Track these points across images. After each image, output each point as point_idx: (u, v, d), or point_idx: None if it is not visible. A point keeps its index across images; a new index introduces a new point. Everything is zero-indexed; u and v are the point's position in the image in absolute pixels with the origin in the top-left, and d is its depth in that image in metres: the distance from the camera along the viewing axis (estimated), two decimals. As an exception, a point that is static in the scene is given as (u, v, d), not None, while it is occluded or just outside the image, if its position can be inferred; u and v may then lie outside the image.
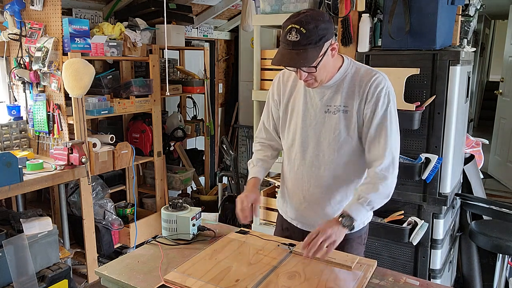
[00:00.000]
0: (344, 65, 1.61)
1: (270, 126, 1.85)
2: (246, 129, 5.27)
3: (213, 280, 1.40)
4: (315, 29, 1.44)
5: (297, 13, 1.49)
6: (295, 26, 1.44)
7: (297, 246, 1.62)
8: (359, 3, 2.36)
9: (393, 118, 1.58)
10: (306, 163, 1.69)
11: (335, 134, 1.61)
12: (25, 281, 2.39)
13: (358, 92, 1.58)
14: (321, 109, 1.64)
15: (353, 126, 1.60)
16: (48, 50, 2.82)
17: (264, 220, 2.89)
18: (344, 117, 1.60)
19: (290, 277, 1.43)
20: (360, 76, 1.60)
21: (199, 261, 1.53)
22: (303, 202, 1.74)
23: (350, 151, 1.63)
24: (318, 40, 1.45)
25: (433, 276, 2.41)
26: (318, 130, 1.65)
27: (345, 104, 1.60)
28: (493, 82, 8.53)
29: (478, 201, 2.74)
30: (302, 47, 1.45)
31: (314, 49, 1.46)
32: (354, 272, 1.46)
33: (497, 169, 5.62)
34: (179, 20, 3.93)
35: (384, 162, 1.55)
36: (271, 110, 1.82)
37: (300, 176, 1.72)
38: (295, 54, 1.46)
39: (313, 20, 1.45)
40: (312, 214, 1.73)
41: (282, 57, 1.50)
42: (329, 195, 1.68)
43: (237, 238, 1.73)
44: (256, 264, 1.51)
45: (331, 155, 1.63)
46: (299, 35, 1.44)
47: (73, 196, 3.18)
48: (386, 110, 1.56)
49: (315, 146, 1.66)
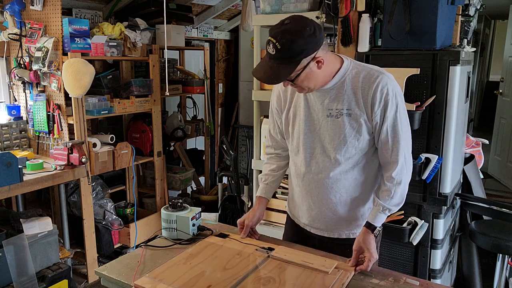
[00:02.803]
0: (343, 68, 1.56)
1: (276, 133, 1.84)
2: (246, 129, 5.27)
3: (184, 285, 1.37)
4: (290, 46, 1.38)
5: (281, 22, 1.43)
6: (272, 39, 1.39)
7: (275, 251, 1.59)
8: (359, 3, 2.36)
9: (403, 119, 1.57)
10: (312, 170, 1.66)
11: (341, 138, 1.58)
12: (25, 281, 2.39)
13: (362, 96, 1.54)
14: (323, 113, 1.60)
15: (360, 129, 1.56)
16: (48, 50, 2.82)
17: (264, 220, 2.89)
18: (348, 120, 1.56)
19: (265, 282, 1.40)
20: (362, 78, 1.55)
21: (173, 265, 1.50)
22: (314, 208, 1.71)
23: (357, 153, 1.61)
24: (292, 57, 1.40)
25: (433, 276, 2.41)
26: (323, 135, 1.62)
27: (348, 107, 1.56)
28: (493, 82, 8.53)
29: (478, 201, 2.73)
30: (276, 62, 1.42)
31: (287, 66, 1.42)
32: (331, 277, 1.43)
33: (497, 169, 5.62)
34: (179, 20, 3.94)
35: (398, 166, 1.56)
36: (275, 118, 1.81)
37: (307, 183, 1.70)
38: (269, 68, 1.44)
39: (291, 35, 1.38)
40: (324, 219, 1.71)
41: (259, 68, 1.49)
42: (339, 199, 1.66)
43: (215, 241, 1.69)
44: (232, 269, 1.48)
45: (338, 159, 1.60)
46: (275, 49, 1.39)
47: (73, 196, 3.18)
48: (396, 112, 1.54)
49: (321, 152, 1.63)
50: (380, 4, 2.42)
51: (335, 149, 1.60)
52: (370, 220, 1.60)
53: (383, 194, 1.60)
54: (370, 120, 1.55)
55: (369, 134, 1.58)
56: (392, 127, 1.54)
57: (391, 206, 1.59)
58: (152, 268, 1.49)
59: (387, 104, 1.52)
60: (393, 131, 1.55)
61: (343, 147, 1.59)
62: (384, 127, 1.54)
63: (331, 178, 1.63)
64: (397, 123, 1.55)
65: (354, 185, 1.65)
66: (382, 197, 1.60)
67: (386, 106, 1.52)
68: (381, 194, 1.61)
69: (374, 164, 1.66)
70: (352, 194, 1.66)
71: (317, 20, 2.42)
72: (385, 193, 1.59)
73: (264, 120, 2.76)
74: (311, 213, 1.73)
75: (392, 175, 1.57)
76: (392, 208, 1.59)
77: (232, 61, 5.50)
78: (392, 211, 1.60)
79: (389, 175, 1.59)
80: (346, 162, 1.61)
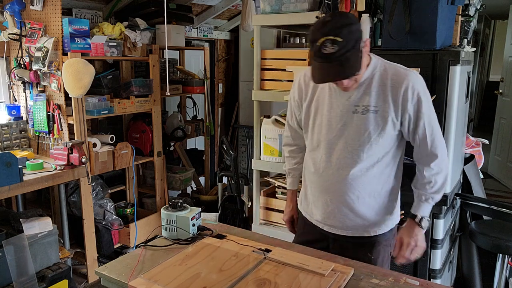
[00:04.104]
0: (372, 63, 1.57)
1: (294, 123, 1.85)
2: (246, 129, 5.27)
3: (179, 287, 1.36)
4: (350, 33, 1.38)
5: (322, 22, 1.42)
6: (329, 37, 1.37)
7: (272, 252, 1.59)
8: (359, 3, 2.36)
9: (433, 113, 1.61)
10: (333, 165, 1.64)
11: (365, 135, 1.57)
12: (25, 281, 2.39)
13: (392, 93, 1.54)
14: (348, 109, 1.59)
15: (385, 127, 1.56)
16: (48, 50, 2.82)
17: (264, 220, 2.89)
18: (374, 117, 1.56)
19: (260, 284, 1.39)
20: (391, 76, 1.55)
21: (169, 266, 1.50)
22: (330, 205, 1.69)
23: (379, 151, 1.60)
24: (356, 43, 1.41)
25: (433, 276, 2.41)
26: (346, 131, 1.60)
27: (375, 104, 1.56)
28: (493, 82, 8.53)
29: (478, 201, 2.73)
30: (343, 56, 1.38)
31: (355, 54, 1.41)
32: (327, 280, 1.41)
33: (497, 169, 5.62)
34: (179, 20, 3.93)
35: (438, 158, 1.60)
36: (293, 110, 1.81)
37: (325, 179, 1.68)
38: (336, 66, 1.40)
39: (343, 26, 1.38)
40: (340, 216, 1.69)
41: (324, 71, 1.43)
42: (357, 196, 1.65)
43: (212, 242, 1.68)
44: (227, 270, 1.47)
45: (360, 156, 1.59)
46: (336, 45, 1.36)
47: (73, 196, 3.18)
48: (429, 108, 1.58)
49: (343, 148, 1.61)
50: (380, 4, 2.42)
51: (358, 145, 1.59)
52: (413, 211, 1.65)
53: (423, 184, 1.64)
54: (398, 117, 1.57)
55: (395, 131, 1.60)
56: (428, 122, 1.58)
57: (433, 194, 1.63)
58: (151, 268, 1.49)
59: (420, 102, 1.55)
60: (429, 126, 1.58)
61: (367, 144, 1.58)
62: (421, 123, 1.57)
63: (352, 175, 1.62)
64: (432, 118, 1.59)
65: (374, 183, 1.65)
66: (421, 187, 1.64)
67: (420, 104, 1.55)
68: (419, 185, 1.65)
69: (394, 166, 1.67)
70: (370, 192, 1.65)
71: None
72: (425, 184, 1.63)
73: (264, 120, 2.76)
74: (326, 209, 1.71)
75: (431, 165, 1.61)
76: (434, 196, 1.63)
77: (232, 61, 5.50)
78: (435, 199, 1.64)
79: (427, 166, 1.62)
80: (368, 159, 1.60)
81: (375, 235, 1.70)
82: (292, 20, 2.56)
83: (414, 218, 1.65)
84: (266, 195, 2.88)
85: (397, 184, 1.72)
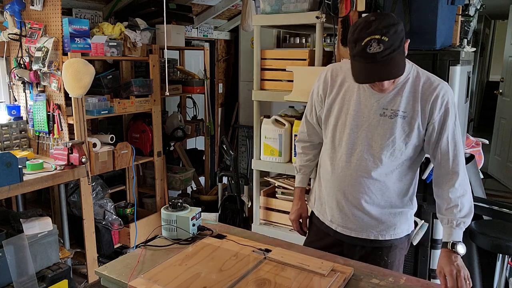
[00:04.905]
0: (406, 67, 1.51)
1: (313, 119, 1.80)
2: (246, 129, 5.27)
3: (179, 287, 1.36)
4: (396, 33, 1.36)
5: (366, 22, 1.39)
6: (375, 37, 1.34)
7: (272, 252, 1.59)
8: (359, 3, 2.36)
9: (459, 130, 1.56)
10: (352, 166, 1.61)
11: (390, 140, 1.54)
12: (25, 281, 2.39)
13: (421, 100, 1.52)
14: (376, 111, 1.56)
15: (410, 134, 1.54)
16: (48, 50, 2.82)
17: (264, 220, 2.89)
18: (401, 122, 1.53)
19: (260, 284, 1.39)
20: (423, 83, 1.54)
21: (169, 266, 1.50)
22: (345, 206, 1.67)
23: (401, 158, 1.58)
24: (401, 43, 1.39)
25: (433, 276, 2.41)
26: (370, 133, 1.57)
27: (404, 110, 1.53)
28: (493, 82, 8.53)
29: (478, 201, 2.73)
30: (388, 56, 1.36)
31: (400, 54, 1.39)
32: (327, 280, 1.41)
33: (497, 169, 5.62)
34: (179, 20, 3.93)
35: (460, 177, 1.54)
36: (314, 104, 1.77)
37: (342, 179, 1.65)
38: (381, 66, 1.38)
39: (389, 25, 1.36)
40: (354, 218, 1.67)
41: (369, 72, 1.41)
42: (373, 200, 1.63)
43: (212, 242, 1.68)
44: (227, 270, 1.47)
45: (381, 160, 1.57)
46: (382, 44, 1.34)
47: (73, 196, 3.18)
48: (455, 122, 1.55)
49: (365, 150, 1.59)
50: (380, 4, 2.41)
51: (381, 149, 1.56)
52: (445, 239, 1.55)
53: (450, 209, 1.55)
54: (424, 125, 1.54)
55: (419, 140, 1.56)
56: (452, 136, 1.54)
57: (463, 219, 1.54)
58: (151, 268, 1.49)
59: (448, 113, 1.52)
60: (453, 140, 1.54)
61: (390, 149, 1.56)
62: (445, 136, 1.53)
63: (370, 178, 1.60)
64: (456, 132, 1.55)
65: (391, 189, 1.63)
66: (449, 213, 1.55)
67: (446, 115, 1.52)
68: (446, 211, 1.57)
69: (412, 172, 1.66)
70: (387, 197, 1.64)
71: (317, 20, 2.43)
72: (452, 208, 1.55)
73: (264, 120, 2.76)
74: (341, 210, 1.68)
75: (456, 185, 1.54)
76: (464, 220, 1.54)
77: (232, 61, 5.50)
78: (466, 223, 1.55)
79: (451, 186, 1.55)
80: (388, 164, 1.58)
81: (390, 239, 1.68)
82: (292, 20, 2.56)
83: (447, 246, 1.52)
84: (266, 195, 2.88)
85: (415, 189, 1.71)
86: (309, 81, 2.44)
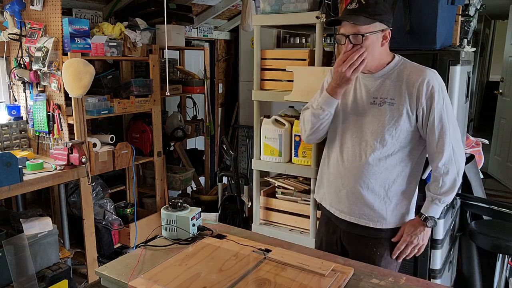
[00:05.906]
0: (394, 61, 1.68)
1: None
2: (246, 129, 5.27)
3: (179, 287, 1.36)
4: (374, 4, 1.55)
5: None
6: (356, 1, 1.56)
7: (272, 252, 1.59)
8: (359, 3, 2.36)
9: (449, 112, 1.64)
10: (349, 153, 1.73)
11: (379, 125, 1.65)
12: (25, 281, 2.39)
13: (408, 87, 1.62)
14: (367, 100, 1.69)
15: (399, 119, 1.63)
16: (48, 50, 2.82)
17: (264, 220, 2.89)
18: (390, 109, 1.64)
19: (260, 284, 1.39)
20: (409, 71, 1.64)
21: (169, 266, 1.50)
22: (342, 190, 1.77)
23: (394, 143, 1.66)
24: (372, 14, 1.55)
25: (433, 276, 2.41)
26: (364, 120, 1.69)
27: (391, 97, 1.64)
28: (493, 82, 8.53)
29: (478, 201, 2.74)
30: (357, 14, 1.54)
31: (366, 19, 1.54)
32: (327, 280, 1.41)
33: (497, 169, 5.62)
34: (179, 20, 3.94)
35: (444, 157, 1.63)
36: None
37: (339, 165, 1.76)
38: (347, 17, 1.56)
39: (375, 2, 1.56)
40: (347, 202, 1.76)
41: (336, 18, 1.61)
42: (367, 185, 1.71)
43: (212, 242, 1.69)
44: (227, 270, 1.47)
45: (373, 146, 1.67)
46: (358, 4, 1.55)
47: (73, 196, 3.18)
48: (443, 105, 1.62)
49: (359, 136, 1.70)
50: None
51: (372, 134, 1.67)
52: (422, 210, 1.71)
53: (432, 185, 1.68)
54: (413, 110, 1.62)
55: (411, 125, 1.65)
56: (439, 119, 1.61)
57: (441, 196, 1.66)
58: (151, 268, 1.49)
59: (433, 97, 1.60)
60: (440, 123, 1.61)
61: (380, 134, 1.65)
62: (431, 118, 1.61)
63: (365, 163, 1.69)
64: (444, 115, 1.62)
65: (385, 175, 1.69)
66: (431, 188, 1.68)
67: (432, 99, 1.60)
68: (430, 185, 1.70)
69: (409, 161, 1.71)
70: (381, 183, 1.70)
71: (317, 20, 2.43)
72: (433, 184, 1.68)
73: (264, 120, 2.76)
74: (338, 194, 1.79)
75: (439, 165, 1.64)
76: (442, 197, 1.66)
77: (232, 61, 5.50)
78: (444, 201, 1.68)
79: (435, 165, 1.66)
80: (381, 150, 1.67)
81: (380, 228, 1.73)
82: (292, 20, 2.56)
83: (420, 216, 1.70)
84: (266, 195, 2.88)
85: (412, 186, 1.76)
86: (309, 81, 2.44)
